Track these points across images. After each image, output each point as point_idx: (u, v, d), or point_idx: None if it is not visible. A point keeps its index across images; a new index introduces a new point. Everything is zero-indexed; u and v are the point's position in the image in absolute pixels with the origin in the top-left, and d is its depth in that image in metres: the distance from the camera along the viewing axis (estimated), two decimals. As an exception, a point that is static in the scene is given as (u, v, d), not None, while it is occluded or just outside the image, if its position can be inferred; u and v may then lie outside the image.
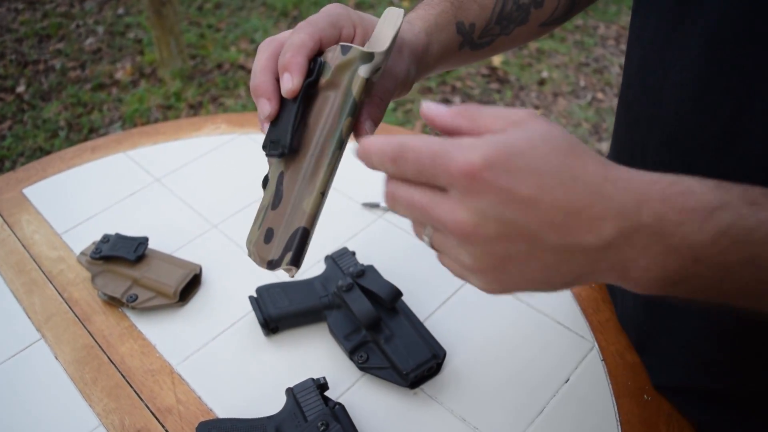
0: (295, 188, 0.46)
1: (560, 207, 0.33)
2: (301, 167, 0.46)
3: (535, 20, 0.64)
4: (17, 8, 3.58)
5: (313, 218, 0.45)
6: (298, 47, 0.46)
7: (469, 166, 0.33)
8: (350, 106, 0.45)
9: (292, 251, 0.45)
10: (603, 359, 0.69)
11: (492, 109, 0.37)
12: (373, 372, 0.67)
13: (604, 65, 2.88)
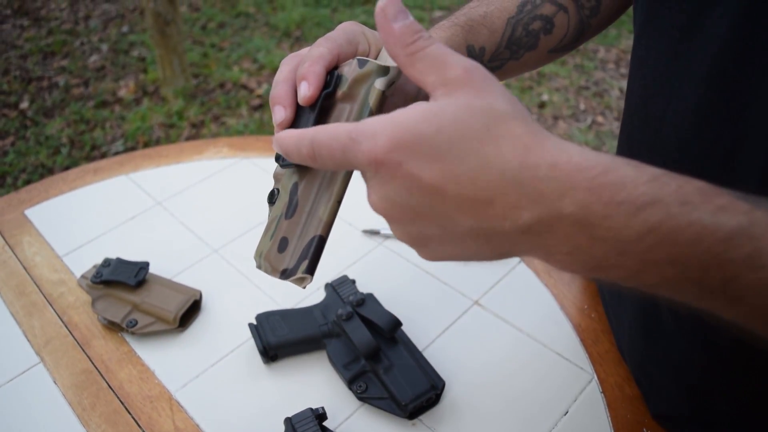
0: (310, 197, 0.46)
1: (467, 195, 0.33)
2: (317, 176, 0.46)
3: (544, 46, 0.65)
4: (22, 25, 3.62)
5: (329, 227, 0.46)
6: (317, 58, 0.47)
7: (373, 155, 0.34)
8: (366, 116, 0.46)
9: (308, 259, 0.45)
10: (602, 391, 0.69)
11: (436, 52, 0.35)
12: (372, 402, 0.67)
13: (604, 89, 2.90)
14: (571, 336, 0.75)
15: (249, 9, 3.71)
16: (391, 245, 0.89)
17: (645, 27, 0.54)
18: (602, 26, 0.69)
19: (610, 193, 0.31)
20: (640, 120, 0.57)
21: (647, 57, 0.54)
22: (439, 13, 3.58)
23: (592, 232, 0.32)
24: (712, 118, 0.48)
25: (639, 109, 0.57)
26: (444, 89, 0.34)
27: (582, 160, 0.32)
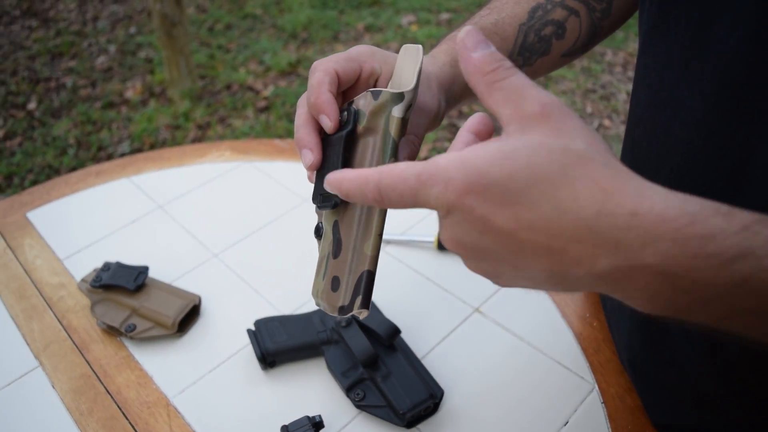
0: (352, 235, 0.47)
1: (540, 242, 0.32)
2: (355, 214, 0.47)
3: (557, 51, 0.65)
4: (31, 26, 3.64)
5: (375, 260, 0.46)
6: (318, 87, 0.47)
7: (445, 200, 0.33)
8: (391, 147, 0.46)
9: (362, 295, 0.46)
10: (603, 402, 0.68)
11: (515, 83, 0.34)
12: (370, 410, 0.66)
13: (611, 92, 2.88)
14: (572, 345, 0.75)
15: (256, 11, 3.71)
16: (392, 251, 0.88)
17: (651, 34, 0.53)
18: (614, 27, 0.68)
19: (697, 245, 0.29)
20: (645, 129, 0.56)
21: (654, 65, 0.53)
22: (446, 15, 3.58)
23: (675, 282, 0.30)
24: (719, 131, 0.47)
25: (644, 117, 0.56)
26: (519, 124, 0.33)
27: (665, 208, 0.30)
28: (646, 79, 0.55)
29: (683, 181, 0.51)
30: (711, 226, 0.30)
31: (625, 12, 0.67)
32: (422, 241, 0.88)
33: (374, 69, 0.51)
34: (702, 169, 0.49)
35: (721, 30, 0.45)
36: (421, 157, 2.46)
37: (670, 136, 0.52)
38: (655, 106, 0.54)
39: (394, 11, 3.64)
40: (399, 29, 3.44)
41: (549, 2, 0.64)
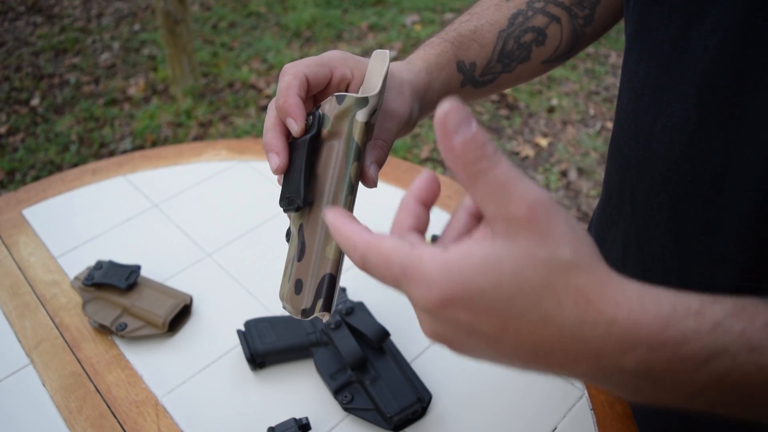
0: (316, 238, 0.47)
1: (525, 344, 0.32)
2: (319, 218, 0.48)
3: (537, 58, 0.64)
4: (36, 22, 3.65)
5: (337, 264, 0.47)
6: (286, 90, 0.47)
7: (427, 303, 0.32)
8: (354, 152, 0.47)
9: (323, 298, 0.46)
10: (592, 408, 0.68)
11: (499, 178, 0.31)
12: (357, 413, 0.66)
13: (614, 94, 2.87)
14: (563, 350, 0.74)
15: (260, 9, 3.72)
16: (385, 253, 0.88)
17: (635, 38, 0.53)
18: (597, 34, 0.68)
19: (671, 349, 0.30)
20: (629, 134, 0.56)
21: (637, 69, 0.53)
22: (450, 15, 3.57)
23: (655, 383, 0.32)
24: (701, 136, 0.47)
25: (628, 122, 0.56)
26: (504, 226, 0.31)
27: (641, 315, 0.31)
28: (630, 83, 0.55)
29: (665, 186, 0.51)
30: (683, 329, 0.30)
31: (609, 19, 0.67)
32: (415, 244, 0.88)
33: (345, 74, 0.51)
34: (685, 175, 0.49)
35: (701, 34, 0.45)
36: (420, 158, 2.46)
37: (651, 141, 0.52)
38: (637, 110, 0.54)
39: (398, 11, 3.63)
40: (403, 29, 3.43)
41: (530, 8, 0.63)
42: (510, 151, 2.53)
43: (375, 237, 0.35)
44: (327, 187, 0.48)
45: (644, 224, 0.56)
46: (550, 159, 2.49)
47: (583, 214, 2.22)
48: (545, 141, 2.59)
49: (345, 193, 0.47)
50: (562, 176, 2.40)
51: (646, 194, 0.54)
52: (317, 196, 0.48)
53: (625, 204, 0.58)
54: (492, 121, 2.71)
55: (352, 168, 0.47)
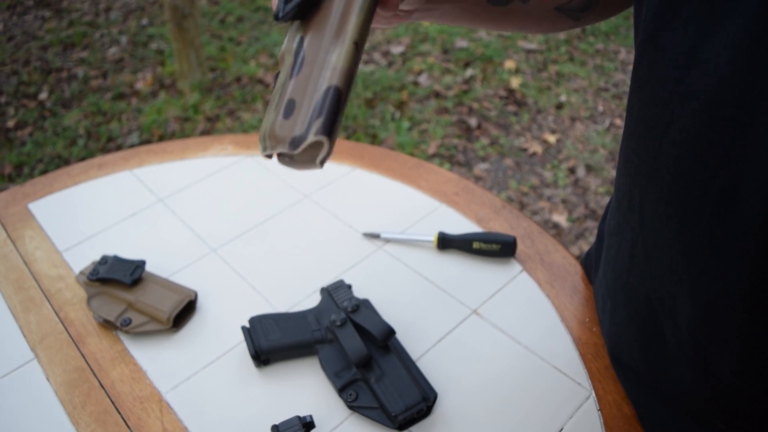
0: (321, 46, 0.38)
1: None
2: (327, 20, 0.38)
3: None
4: (44, 16, 3.65)
5: (346, 74, 0.36)
6: None
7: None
8: None
9: (323, 116, 0.35)
10: (599, 409, 0.67)
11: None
12: (362, 411, 0.66)
13: (623, 90, 2.85)
14: (571, 350, 0.74)
15: (268, 3, 3.71)
16: (391, 249, 0.88)
17: (647, 46, 0.51)
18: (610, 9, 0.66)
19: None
20: (639, 143, 0.54)
21: (648, 78, 0.52)
22: (458, 10, 3.55)
23: None
24: (710, 152, 0.46)
25: (638, 131, 0.55)
26: None
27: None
28: (640, 92, 0.54)
29: (674, 198, 0.50)
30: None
31: None
32: (422, 240, 0.87)
33: None
34: (692, 189, 0.48)
35: (714, 49, 0.44)
36: (428, 154, 2.45)
37: (660, 152, 0.51)
38: (648, 120, 0.52)
39: (406, 6, 3.61)
40: (411, 24, 3.42)
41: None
42: (518, 148, 2.52)
43: None
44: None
45: (653, 235, 0.55)
46: (558, 156, 2.48)
47: (591, 211, 2.20)
48: (553, 137, 2.57)
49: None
50: (570, 173, 2.38)
51: (655, 205, 0.53)
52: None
53: (634, 212, 0.57)
54: (500, 117, 2.69)
55: None
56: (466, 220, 0.92)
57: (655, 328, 0.59)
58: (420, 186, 0.99)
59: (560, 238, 2.10)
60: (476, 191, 0.98)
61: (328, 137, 0.34)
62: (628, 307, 0.64)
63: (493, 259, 0.85)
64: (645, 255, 0.57)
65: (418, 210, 0.94)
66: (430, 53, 3.14)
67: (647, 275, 0.58)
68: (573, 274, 0.83)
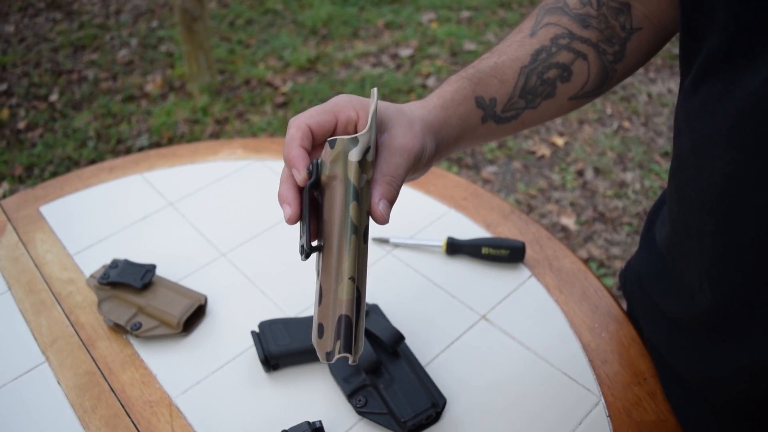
0: (330, 281, 0.49)
1: None
2: (330, 261, 0.49)
3: (563, 94, 0.63)
4: (55, 18, 3.68)
5: (351, 303, 0.47)
6: (290, 142, 0.50)
7: None
8: (352, 192, 0.48)
9: (342, 339, 0.47)
10: (609, 415, 0.67)
11: None
12: (371, 417, 0.66)
13: (631, 93, 2.84)
14: (580, 356, 0.73)
15: (277, 6, 3.72)
16: (400, 254, 0.88)
17: (704, 78, 0.50)
18: (631, 70, 0.65)
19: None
20: (691, 173, 0.54)
21: (702, 112, 0.51)
22: (467, 13, 3.55)
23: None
24: (748, 181, 0.46)
25: (690, 161, 0.54)
26: None
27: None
28: (692, 123, 0.53)
29: (730, 236, 0.50)
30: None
31: (643, 54, 0.64)
32: (431, 245, 0.87)
33: (350, 116, 0.52)
34: (745, 226, 0.48)
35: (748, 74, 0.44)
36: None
37: (711, 184, 0.50)
38: (700, 153, 0.52)
39: (414, 8, 3.62)
40: (419, 27, 3.42)
41: (554, 45, 0.62)
42: (526, 150, 2.51)
43: None
44: (333, 230, 0.49)
45: (714, 264, 0.54)
46: (566, 158, 2.47)
47: (600, 214, 2.19)
48: (561, 140, 2.56)
49: (348, 233, 0.48)
50: (578, 176, 2.38)
51: (713, 237, 0.52)
52: (326, 239, 0.49)
53: (693, 242, 0.56)
54: (508, 120, 2.69)
55: (351, 208, 0.48)
56: (474, 225, 0.92)
57: None
58: (429, 191, 0.99)
59: (569, 241, 2.09)
60: (485, 196, 0.98)
61: (348, 353, 0.47)
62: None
63: (502, 264, 0.85)
64: (709, 280, 0.56)
65: (427, 215, 0.95)
66: (439, 56, 3.14)
67: (715, 299, 0.56)
68: (582, 280, 0.83)
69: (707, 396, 0.63)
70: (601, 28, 0.62)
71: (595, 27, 0.62)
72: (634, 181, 2.34)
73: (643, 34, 0.63)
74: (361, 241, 0.49)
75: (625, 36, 0.62)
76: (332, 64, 3.12)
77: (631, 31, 0.62)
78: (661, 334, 0.70)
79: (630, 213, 2.20)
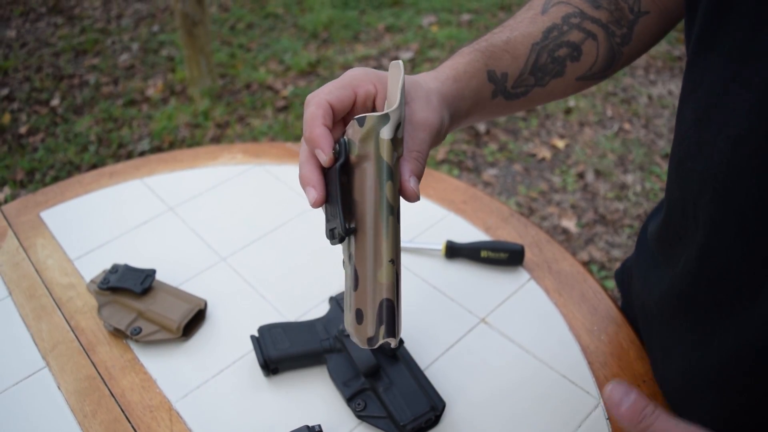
0: (366, 265, 0.47)
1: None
2: (365, 244, 0.47)
3: (571, 73, 0.63)
4: (56, 23, 3.69)
5: (392, 287, 0.46)
6: (311, 121, 0.48)
7: None
8: (386, 171, 0.46)
9: (384, 324, 0.46)
10: (608, 418, 0.67)
11: (661, 428, 0.38)
12: (370, 421, 0.66)
13: (632, 95, 2.85)
14: (579, 358, 0.73)
15: (278, 10, 3.73)
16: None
17: (699, 49, 0.50)
18: (635, 55, 0.66)
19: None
20: (692, 146, 0.53)
21: (702, 80, 0.51)
22: (467, 16, 3.56)
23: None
24: (762, 148, 0.45)
25: (691, 134, 0.53)
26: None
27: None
28: (693, 94, 0.53)
29: (728, 197, 0.49)
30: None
31: (648, 38, 0.65)
32: (430, 249, 0.87)
33: (368, 91, 0.51)
34: (748, 186, 0.47)
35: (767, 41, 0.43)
36: (437, 160, 2.45)
37: (714, 152, 0.49)
38: (702, 121, 0.51)
39: (415, 12, 3.63)
40: (420, 30, 3.43)
41: (566, 23, 0.62)
42: (527, 153, 2.52)
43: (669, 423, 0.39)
44: (367, 211, 0.47)
45: (708, 241, 0.53)
46: (567, 161, 2.47)
47: (601, 216, 2.19)
48: (562, 142, 2.56)
49: (385, 214, 0.47)
50: (579, 178, 2.38)
51: (709, 208, 0.52)
52: (359, 221, 0.48)
53: (688, 219, 0.56)
54: (508, 122, 2.69)
55: (387, 188, 0.46)
56: (474, 229, 0.92)
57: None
58: (428, 194, 0.99)
59: (569, 243, 2.09)
60: (484, 199, 0.98)
61: (392, 337, 0.46)
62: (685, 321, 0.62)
63: (501, 267, 0.85)
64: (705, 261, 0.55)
65: (426, 218, 0.95)
66: (439, 59, 3.14)
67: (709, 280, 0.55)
68: (581, 282, 0.83)
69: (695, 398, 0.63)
70: (611, 10, 0.63)
71: (606, 8, 0.63)
72: (634, 183, 2.34)
73: (649, 18, 0.63)
74: (397, 221, 0.47)
75: (633, 18, 0.63)
76: (333, 67, 3.12)
77: (639, 14, 0.63)
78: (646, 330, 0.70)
79: (631, 215, 2.20)
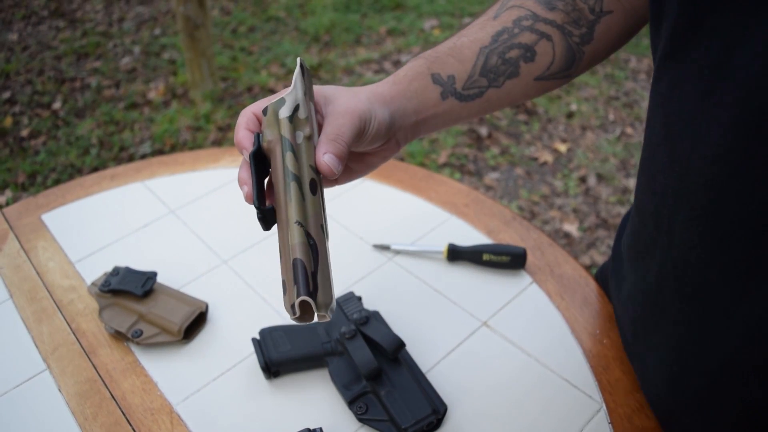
0: (283, 233, 0.49)
1: None
2: (281, 216, 0.50)
3: (527, 74, 0.63)
4: (58, 26, 3.70)
5: (303, 247, 0.47)
6: (236, 128, 0.53)
7: None
8: (287, 145, 0.50)
9: (299, 283, 0.46)
10: (611, 422, 0.67)
11: None
12: (372, 424, 0.66)
13: (634, 99, 2.85)
14: (581, 362, 0.73)
15: (279, 13, 3.73)
16: (401, 261, 0.88)
17: (667, 62, 0.50)
18: (602, 54, 0.66)
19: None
20: (663, 162, 0.53)
21: (671, 95, 0.51)
22: (468, 19, 3.56)
23: None
24: (747, 167, 0.44)
25: (662, 150, 0.53)
26: None
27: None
28: (661, 108, 0.52)
29: (708, 216, 0.48)
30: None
31: (614, 38, 0.64)
32: (432, 252, 0.87)
33: None
34: (728, 205, 0.46)
35: (744, 57, 0.42)
36: (438, 164, 2.45)
37: (690, 170, 0.49)
38: (672, 137, 0.51)
39: (416, 15, 3.63)
40: (421, 33, 3.43)
41: (516, 26, 0.62)
42: (528, 157, 2.52)
43: None
44: (280, 185, 0.50)
45: (683, 256, 0.53)
46: (569, 165, 2.47)
47: (603, 220, 2.19)
48: (564, 146, 2.56)
49: (288, 180, 0.49)
50: (581, 182, 2.38)
51: (686, 225, 0.51)
52: (276, 199, 0.51)
53: (662, 234, 0.56)
54: (510, 126, 2.69)
55: (288, 158, 0.50)
56: (476, 232, 0.92)
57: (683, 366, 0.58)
58: (430, 197, 0.99)
59: (571, 247, 2.09)
60: (486, 202, 0.98)
61: (307, 296, 0.45)
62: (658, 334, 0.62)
63: (503, 270, 0.85)
64: (675, 277, 0.55)
65: (428, 221, 0.95)
66: (440, 62, 3.14)
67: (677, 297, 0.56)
68: (583, 286, 0.83)
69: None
70: (568, 11, 0.63)
71: (561, 9, 0.63)
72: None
73: (613, 18, 0.63)
74: (306, 190, 0.50)
75: (594, 18, 0.63)
76: (335, 71, 3.12)
77: (601, 14, 0.63)
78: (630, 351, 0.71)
79: (632, 219, 2.19)
